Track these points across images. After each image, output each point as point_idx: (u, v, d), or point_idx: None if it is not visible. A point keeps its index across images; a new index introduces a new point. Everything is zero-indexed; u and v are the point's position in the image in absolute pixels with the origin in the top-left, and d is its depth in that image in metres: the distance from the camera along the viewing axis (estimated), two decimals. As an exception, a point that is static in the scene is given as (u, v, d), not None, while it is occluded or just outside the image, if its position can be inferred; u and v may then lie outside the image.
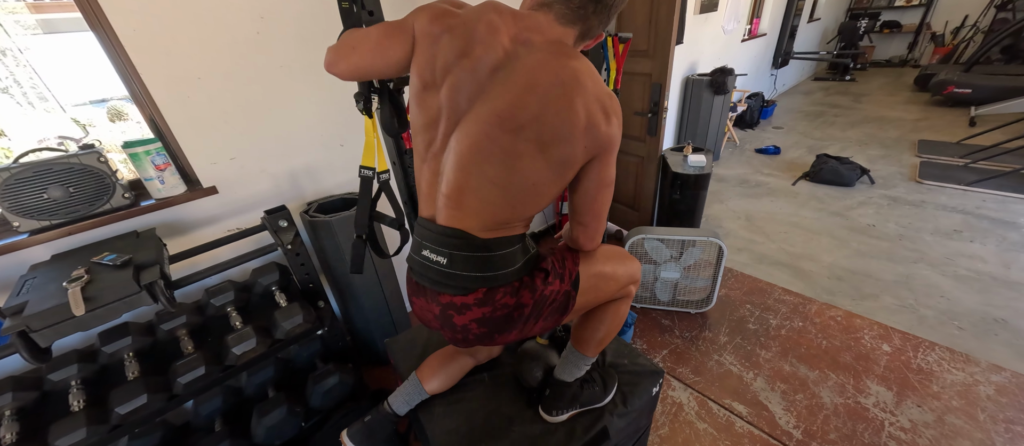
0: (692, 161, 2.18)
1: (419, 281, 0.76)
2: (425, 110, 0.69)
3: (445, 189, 0.68)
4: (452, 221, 0.69)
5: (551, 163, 0.64)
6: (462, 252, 0.69)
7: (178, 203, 1.17)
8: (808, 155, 3.56)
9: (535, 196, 0.67)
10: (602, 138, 0.65)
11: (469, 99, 0.65)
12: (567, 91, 0.62)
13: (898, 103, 4.88)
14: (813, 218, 2.64)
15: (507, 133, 0.62)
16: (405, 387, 0.99)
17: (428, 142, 0.70)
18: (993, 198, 2.61)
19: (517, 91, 0.62)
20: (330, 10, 1.32)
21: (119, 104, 3.27)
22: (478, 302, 0.71)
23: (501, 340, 0.77)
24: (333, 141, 1.48)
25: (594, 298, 0.83)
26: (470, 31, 0.64)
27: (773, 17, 4.70)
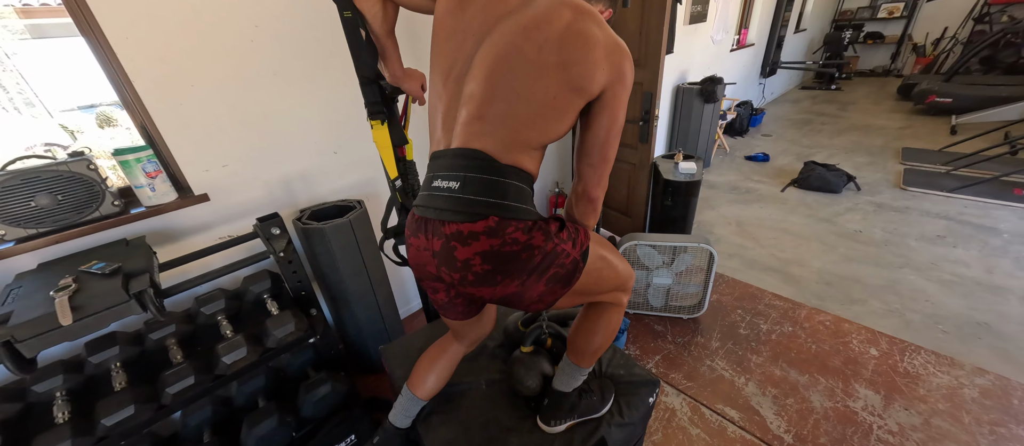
0: (683, 168, 2.21)
1: (423, 213, 0.73)
2: (447, 36, 0.72)
3: (467, 107, 0.69)
4: (471, 140, 0.68)
5: (570, 83, 0.66)
6: (477, 174, 0.68)
7: (169, 211, 1.16)
8: (796, 162, 3.62)
9: (554, 115, 0.68)
10: (616, 67, 0.67)
11: (497, 17, 0.67)
12: (585, 21, 0.66)
13: (882, 112, 5.00)
14: (802, 224, 2.69)
15: (533, 44, 0.64)
16: (400, 402, 0.97)
17: (446, 71, 0.72)
18: (974, 204, 2.68)
19: (542, 11, 0.65)
20: (324, 20, 1.33)
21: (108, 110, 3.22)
22: (488, 231, 0.67)
23: (501, 288, 0.72)
24: (327, 148, 1.48)
25: (594, 283, 0.81)
26: None
27: (760, 28, 4.81)
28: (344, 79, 1.43)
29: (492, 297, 0.75)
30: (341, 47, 1.39)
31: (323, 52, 1.36)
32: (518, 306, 0.77)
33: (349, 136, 1.52)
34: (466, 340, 0.98)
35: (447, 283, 0.76)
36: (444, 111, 0.72)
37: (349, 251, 1.42)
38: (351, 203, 1.50)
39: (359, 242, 1.43)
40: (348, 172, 1.57)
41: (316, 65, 1.36)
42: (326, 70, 1.39)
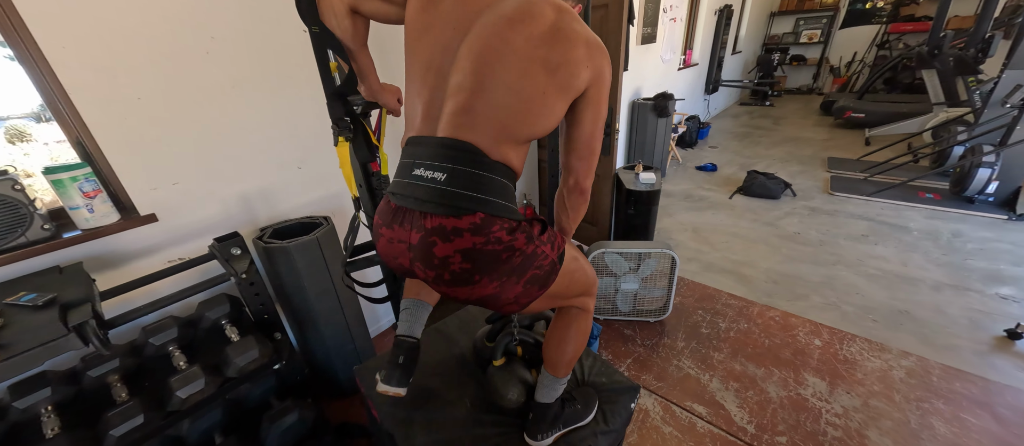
0: (643, 179, 2.34)
1: (401, 202, 0.69)
2: (428, 26, 0.71)
3: (454, 98, 0.67)
4: (459, 131, 0.66)
5: (558, 84, 0.67)
6: (464, 166, 0.65)
7: (110, 233, 1.06)
8: (740, 171, 3.94)
9: (543, 110, 0.68)
10: (597, 65, 0.70)
11: (476, 10, 0.67)
12: (567, 19, 0.67)
13: (809, 125, 5.58)
14: (749, 228, 2.91)
15: (520, 38, 0.64)
16: (405, 316, 0.97)
17: (427, 63, 0.70)
18: (889, 206, 3.04)
19: (524, 5, 0.66)
20: (288, 29, 1.29)
21: (20, 123, 2.88)
22: (473, 228, 0.65)
23: (478, 289, 0.69)
24: (290, 163, 1.42)
25: (567, 286, 0.81)
26: None
27: (703, 49, 5.24)
28: (310, 90, 1.39)
29: (466, 298, 0.72)
30: (307, 58, 1.35)
31: (287, 63, 1.32)
32: (492, 307, 0.75)
33: (315, 149, 1.47)
34: None
35: (420, 279, 0.73)
36: (426, 101, 0.70)
37: (316, 270, 1.36)
38: (317, 219, 1.44)
39: (327, 260, 1.37)
40: (313, 187, 1.51)
41: (280, 76, 1.31)
42: (291, 81, 1.34)
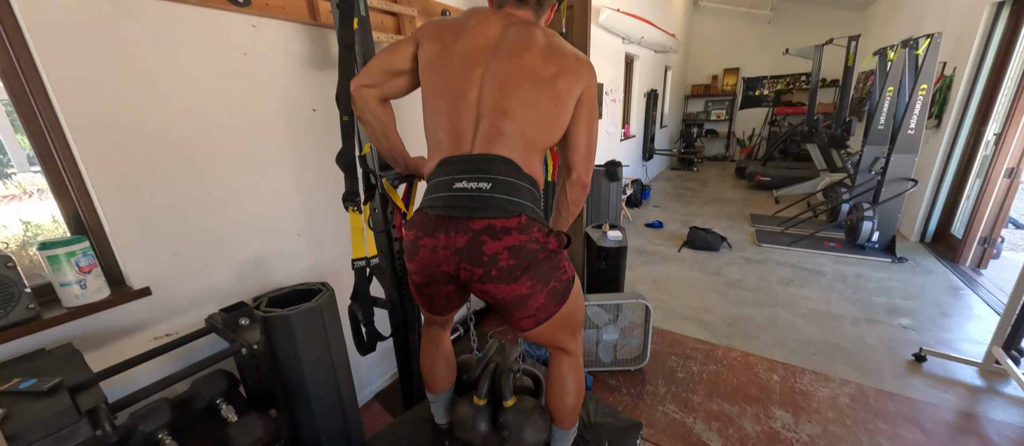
0: (611, 236, 2.59)
1: (445, 213, 0.77)
2: (445, 69, 0.83)
3: (488, 121, 0.79)
4: (496, 147, 0.78)
5: (560, 95, 0.81)
6: (506, 177, 0.77)
7: (98, 310, 0.98)
8: (683, 227, 4.43)
9: (556, 121, 0.83)
10: (587, 75, 0.85)
11: (487, 46, 0.83)
12: (553, 38, 0.84)
13: (729, 187, 6.49)
14: (699, 277, 3.25)
15: (528, 64, 0.80)
16: (434, 407, 1.11)
17: (456, 93, 0.82)
18: (805, 254, 3.59)
19: (522, 37, 0.82)
20: (299, 106, 1.38)
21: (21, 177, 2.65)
22: (520, 227, 0.76)
23: (516, 287, 0.78)
24: (290, 231, 1.42)
25: (570, 314, 0.91)
26: (467, 23, 0.86)
27: (637, 123, 6.07)
28: (315, 160, 1.45)
29: (504, 297, 0.81)
30: (313, 134, 1.43)
31: (295, 138, 1.38)
32: (515, 315, 0.84)
33: (315, 217, 1.49)
34: (448, 323, 1.11)
35: (458, 285, 0.83)
36: (455, 127, 0.82)
37: (314, 339, 1.31)
38: (315, 286, 1.42)
39: (327, 327, 1.34)
40: (309, 254, 1.50)
41: (287, 150, 1.37)
42: (296, 154, 1.40)
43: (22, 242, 2.18)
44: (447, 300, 0.92)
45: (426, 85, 0.88)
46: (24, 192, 3.38)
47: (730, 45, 8.35)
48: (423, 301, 0.96)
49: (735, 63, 8.46)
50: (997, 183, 2.90)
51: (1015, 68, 2.93)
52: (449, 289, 0.87)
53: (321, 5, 1.32)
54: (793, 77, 7.94)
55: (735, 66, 8.48)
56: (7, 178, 3.48)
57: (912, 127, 3.15)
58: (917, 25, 4.41)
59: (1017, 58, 2.92)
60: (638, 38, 4.76)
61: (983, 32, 3.11)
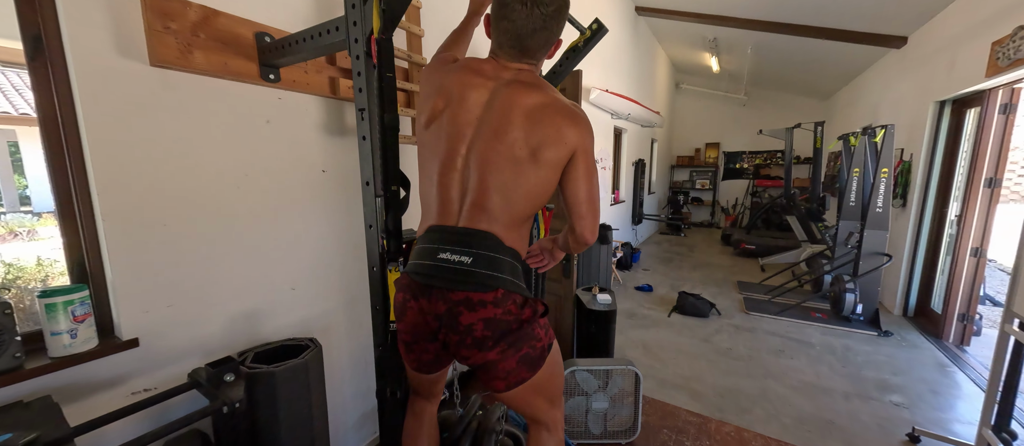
0: (600, 299, 2.61)
1: (427, 282, 0.83)
2: (436, 140, 0.88)
3: (472, 196, 0.83)
4: (480, 223, 0.82)
5: (544, 163, 0.83)
6: (486, 252, 0.81)
7: (83, 361, 0.97)
8: (672, 292, 4.47)
9: (540, 191, 0.86)
10: (574, 136, 0.84)
11: (476, 125, 0.85)
12: (539, 111, 0.83)
13: (716, 253, 6.65)
14: (689, 344, 3.23)
15: (506, 147, 0.82)
16: None
17: (444, 163, 0.86)
18: (793, 324, 3.62)
19: (504, 114, 0.84)
20: (306, 169, 1.47)
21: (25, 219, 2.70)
22: (495, 301, 0.80)
23: (488, 354, 0.82)
24: (285, 284, 1.44)
25: (548, 379, 0.91)
26: (465, 74, 0.90)
27: (627, 189, 6.35)
28: (320, 218, 1.51)
29: (477, 362, 0.84)
30: (322, 190, 1.51)
31: (303, 195, 1.46)
32: (488, 377, 0.86)
33: (313, 272, 1.52)
34: (435, 397, 1.09)
35: (441, 343, 0.86)
36: (442, 197, 0.88)
37: (297, 398, 1.28)
38: (302, 341, 1.41)
39: (311, 386, 1.31)
40: (300, 308, 1.51)
41: (294, 206, 1.43)
42: (304, 211, 1.46)
43: (2, 284, 2.14)
44: (435, 358, 0.94)
45: (421, 146, 0.95)
46: (11, 232, 3.37)
47: (710, 123, 9.06)
48: (412, 360, 0.97)
49: (716, 138, 9.11)
50: (965, 262, 3.05)
51: (964, 156, 3.23)
52: (434, 346, 0.91)
53: (341, 82, 1.47)
54: (770, 153, 8.53)
55: (716, 141, 9.11)
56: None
57: (880, 205, 3.37)
58: (874, 114, 4.89)
59: (965, 148, 3.24)
60: (626, 114, 5.17)
61: (932, 125, 3.48)
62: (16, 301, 1.34)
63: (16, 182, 3.94)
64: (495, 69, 0.91)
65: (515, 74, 0.91)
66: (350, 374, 1.71)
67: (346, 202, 1.60)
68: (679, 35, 6.23)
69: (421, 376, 1.02)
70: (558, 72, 1.74)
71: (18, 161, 3.81)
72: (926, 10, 3.60)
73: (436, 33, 1.94)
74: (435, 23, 1.93)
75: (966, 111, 3.23)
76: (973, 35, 2.96)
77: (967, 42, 3.03)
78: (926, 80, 3.64)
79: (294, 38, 1.16)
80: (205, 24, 1.12)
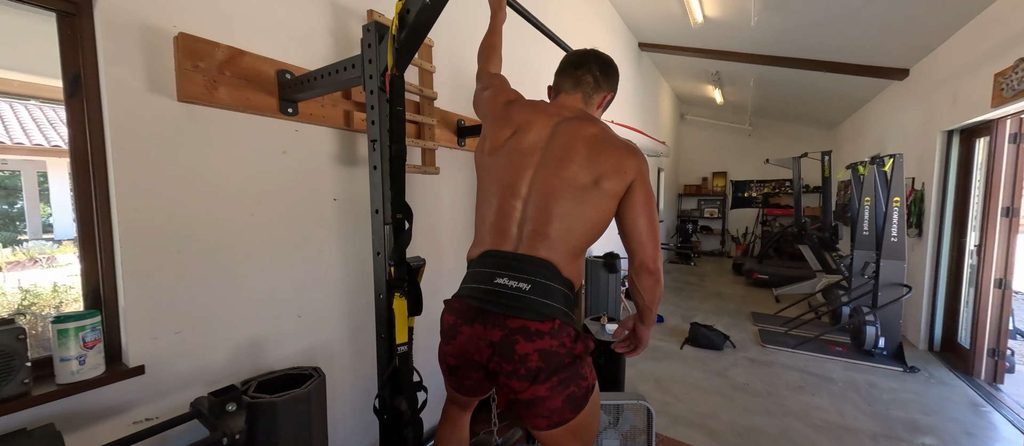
0: (609, 329, 2.55)
1: (483, 307, 0.82)
2: (499, 167, 0.93)
3: (533, 225, 0.84)
4: (540, 250, 0.83)
5: (604, 193, 0.86)
6: (545, 280, 0.81)
7: (89, 389, 0.97)
8: (683, 323, 4.35)
9: (600, 221, 0.88)
10: (633, 166, 0.89)
11: (541, 155, 0.90)
12: (598, 131, 0.90)
13: (727, 283, 6.50)
14: (703, 379, 3.10)
15: (569, 174, 0.86)
16: None
17: (507, 190, 0.89)
18: (812, 358, 3.47)
19: (568, 144, 0.88)
20: (317, 199, 1.50)
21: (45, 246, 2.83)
22: (552, 332, 0.79)
23: (539, 388, 0.79)
24: (291, 312, 1.45)
25: (586, 424, 0.88)
26: (530, 110, 0.97)
27: (635, 218, 6.34)
28: (330, 245, 1.53)
29: (526, 396, 0.81)
30: (332, 218, 1.54)
31: (313, 223, 1.49)
32: (531, 413, 0.83)
33: (319, 298, 1.52)
34: (470, 406, 1.08)
35: (489, 372, 0.84)
36: (503, 222, 0.89)
37: (299, 429, 1.25)
38: (306, 371, 1.39)
39: (313, 417, 1.28)
40: (306, 336, 1.50)
41: (304, 234, 1.46)
42: (313, 239, 1.49)
43: (17, 310, 2.17)
44: (476, 384, 0.94)
45: (482, 172, 1.00)
46: (30, 259, 3.47)
47: (716, 152, 9.12)
48: (453, 382, 0.98)
49: (722, 167, 9.14)
50: (990, 293, 2.94)
51: (977, 186, 3.19)
52: (478, 375, 0.90)
53: (356, 115, 1.54)
54: (778, 182, 8.51)
55: (723, 170, 9.14)
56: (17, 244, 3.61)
57: (894, 235, 3.30)
58: (881, 144, 4.89)
59: (977, 177, 3.20)
60: (631, 144, 5.25)
61: (941, 154, 3.46)
62: (30, 327, 1.36)
63: (41, 210, 4.10)
64: (558, 108, 1.01)
65: (575, 112, 1.00)
66: (352, 406, 1.68)
67: (355, 230, 1.62)
68: (682, 69, 6.41)
69: (460, 397, 1.03)
70: (564, 104, 1.78)
71: (45, 191, 3.98)
72: (926, 44, 3.67)
73: (447, 69, 2.03)
74: (447, 60, 2.02)
75: (975, 140, 3.21)
76: (975, 67, 3.00)
77: (969, 74, 3.06)
78: (931, 111, 3.66)
79: (313, 75, 1.23)
80: (231, 63, 1.19)
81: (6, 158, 3.58)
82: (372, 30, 1.00)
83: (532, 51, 2.83)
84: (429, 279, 1.76)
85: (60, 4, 0.97)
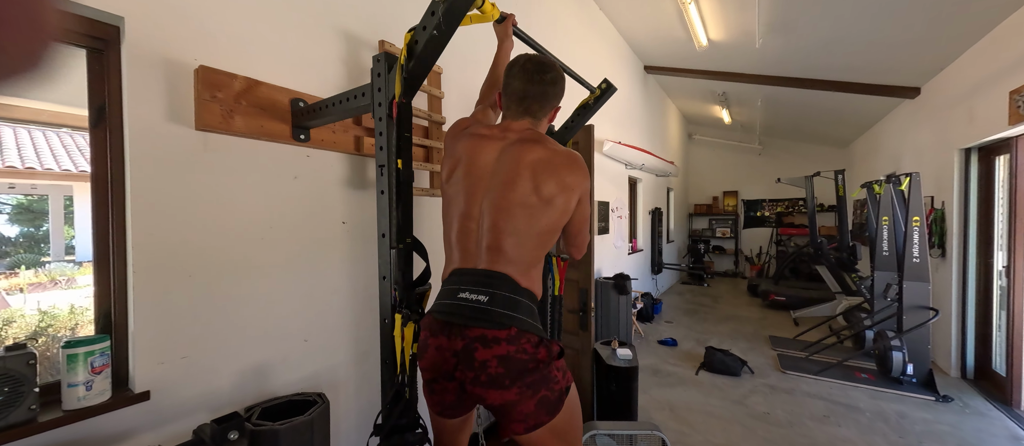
0: (620, 354, 2.48)
1: (448, 320, 0.89)
2: (455, 193, 1.01)
3: (487, 241, 0.92)
4: (496, 265, 0.91)
5: (553, 208, 0.95)
6: (502, 291, 0.87)
7: (94, 415, 0.96)
8: (698, 347, 4.21)
9: (548, 233, 0.96)
10: (579, 183, 0.98)
11: (488, 179, 0.97)
12: (544, 164, 0.95)
13: (743, 305, 6.32)
14: (720, 407, 2.97)
15: (516, 194, 0.93)
16: None
17: (463, 213, 0.98)
18: (836, 386, 3.31)
19: (513, 168, 0.95)
20: (325, 225, 1.52)
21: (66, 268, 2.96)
22: (508, 339, 0.85)
23: (506, 393, 0.84)
24: (297, 336, 1.44)
25: (566, 425, 0.92)
26: (474, 140, 1.03)
27: (644, 238, 6.27)
28: (337, 269, 1.54)
29: (494, 402, 0.87)
30: (340, 241, 1.55)
31: (322, 246, 1.50)
32: (508, 420, 0.88)
33: (325, 322, 1.52)
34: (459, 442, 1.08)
35: (459, 381, 0.88)
36: (463, 243, 0.96)
37: (300, 460, 1.22)
38: (310, 397, 1.37)
39: (315, 445, 1.25)
40: (311, 361, 1.49)
41: (312, 258, 1.47)
42: (321, 262, 1.49)
43: (34, 332, 2.21)
44: (457, 399, 0.95)
45: (444, 201, 1.08)
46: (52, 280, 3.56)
47: (726, 171, 9.06)
48: (435, 402, 1.00)
49: (733, 187, 9.05)
50: (1023, 316, 2.79)
51: (1001, 204, 3.08)
52: (453, 386, 0.94)
53: (366, 140, 1.57)
54: (791, 201, 8.37)
55: (734, 189, 9.05)
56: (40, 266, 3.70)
57: (916, 255, 3.19)
58: (896, 162, 4.80)
59: (1000, 195, 3.10)
60: (639, 165, 5.25)
61: (960, 172, 3.37)
62: (43, 350, 1.38)
63: (65, 233, 4.25)
64: (502, 131, 1.06)
65: (519, 134, 1.04)
66: (356, 434, 1.64)
67: (363, 254, 1.63)
68: (688, 90, 6.47)
69: (445, 423, 1.03)
70: (570, 127, 1.80)
71: (70, 213, 4.13)
72: (937, 63, 3.65)
73: (456, 94, 2.08)
74: (455, 86, 2.07)
75: (994, 158, 3.13)
76: (989, 85, 2.95)
77: (984, 91, 3.02)
78: (945, 128, 3.60)
79: (325, 103, 1.27)
80: (247, 92, 1.23)
81: (36, 183, 3.74)
82: (382, 60, 1.03)
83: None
84: (436, 302, 1.75)
85: (90, 41, 1.02)
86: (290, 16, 1.38)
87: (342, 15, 1.55)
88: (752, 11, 3.41)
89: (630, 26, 4.53)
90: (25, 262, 3.71)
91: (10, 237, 4.12)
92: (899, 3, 2.96)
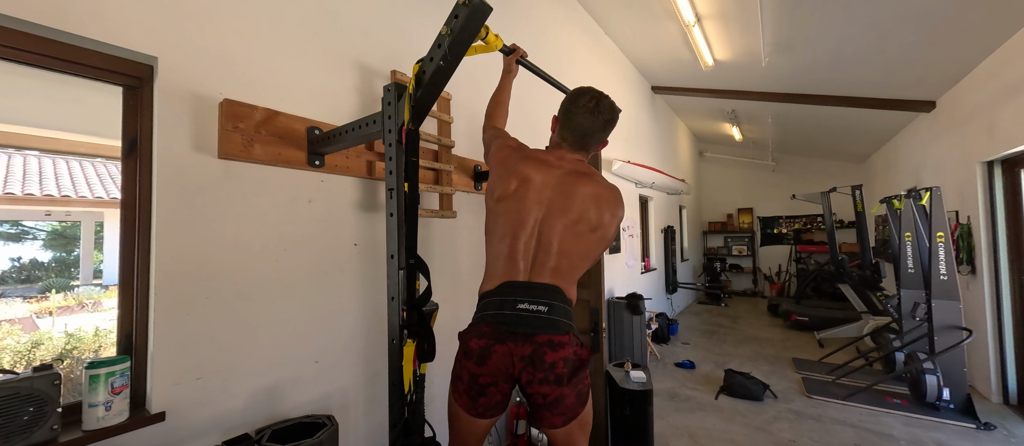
0: (634, 377, 2.41)
1: (512, 328, 0.99)
2: (509, 212, 1.10)
3: (543, 257, 1.05)
4: (553, 279, 1.04)
5: (598, 238, 1.10)
6: (559, 303, 1.01)
7: (112, 435, 0.99)
8: (717, 369, 4.06)
9: (591, 257, 1.11)
10: (620, 215, 1.14)
11: (546, 203, 1.09)
12: (594, 198, 1.09)
13: (763, 325, 6.10)
14: (743, 434, 2.83)
15: (570, 220, 1.07)
16: None
17: (517, 232, 1.07)
18: (866, 411, 3.13)
19: (569, 196, 1.08)
20: (339, 245, 1.56)
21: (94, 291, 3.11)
22: (569, 342, 0.99)
23: (565, 388, 0.97)
24: (308, 358, 1.46)
25: (587, 417, 1.05)
26: (534, 163, 1.14)
27: (657, 257, 6.17)
28: (349, 290, 1.57)
29: (552, 395, 0.98)
30: (352, 262, 1.59)
31: (334, 268, 1.53)
32: (552, 413, 0.99)
33: (336, 344, 1.53)
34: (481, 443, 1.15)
35: (522, 382, 1.00)
36: (516, 257, 1.06)
37: (308, 484, 1.21)
38: (319, 419, 1.37)
39: (323, 471, 1.24)
40: (322, 383, 1.50)
41: (324, 279, 1.50)
42: (333, 283, 1.53)
43: (60, 354, 2.28)
44: (503, 398, 1.06)
45: (492, 217, 1.16)
46: (79, 304, 3.69)
47: (740, 188, 8.94)
48: (479, 403, 1.06)
49: (748, 204, 8.90)
50: (1067, 337, 2.62)
51: (1032, 218, 2.96)
52: (507, 387, 1.05)
53: (378, 164, 1.63)
54: (809, 217, 8.17)
55: (748, 206, 8.90)
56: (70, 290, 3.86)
57: (943, 273, 3.06)
58: (916, 176, 4.67)
59: (1030, 209, 2.97)
60: (650, 183, 5.24)
61: (984, 186, 3.26)
62: (68, 372, 1.43)
63: (94, 257, 4.44)
64: (557, 159, 1.17)
65: (573, 165, 1.17)
66: (366, 457, 1.62)
67: (373, 276, 1.66)
68: (696, 109, 6.49)
69: (478, 424, 1.08)
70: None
71: (100, 239, 4.32)
72: (951, 75, 3.60)
73: (465, 119, 2.14)
74: (464, 111, 2.14)
75: (1020, 170, 3.03)
76: (1008, 96, 2.89)
77: (1003, 103, 2.95)
78: (965, 142, 3.51)
79: (339, 130, 1.33)
80: (267, 122, 1.31)
81: (70, 210, 3.93)
82: (392, 90, 1.09)
83: (549, 99, 2.96)
84: (447, 323, 1.75)
85: (127, 80, 1.11)
86: (309, 50, 1.47)
87: (358, 47, 1.64)
88: (756, 33, 3.45)
89: (636, 49, 4.63)
90: (56, 286, 3.87)
91: (43, 262, 4.32)
92: (903, 20, 2.96)
